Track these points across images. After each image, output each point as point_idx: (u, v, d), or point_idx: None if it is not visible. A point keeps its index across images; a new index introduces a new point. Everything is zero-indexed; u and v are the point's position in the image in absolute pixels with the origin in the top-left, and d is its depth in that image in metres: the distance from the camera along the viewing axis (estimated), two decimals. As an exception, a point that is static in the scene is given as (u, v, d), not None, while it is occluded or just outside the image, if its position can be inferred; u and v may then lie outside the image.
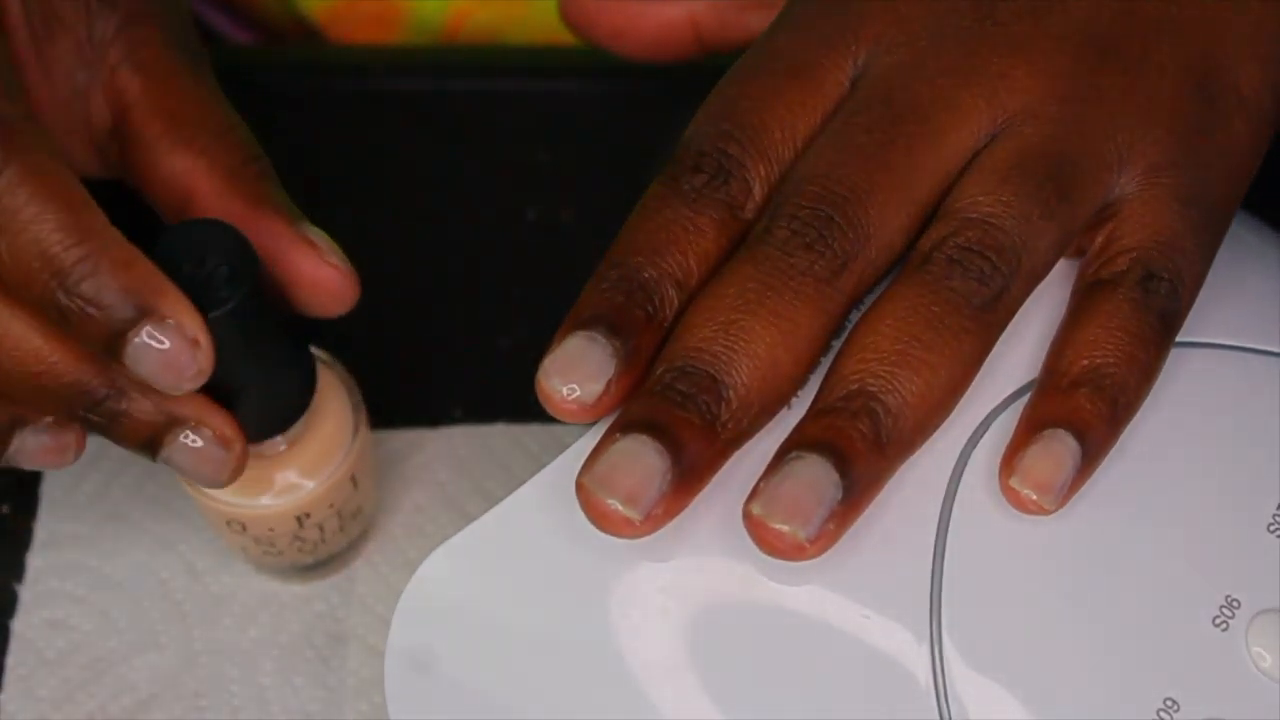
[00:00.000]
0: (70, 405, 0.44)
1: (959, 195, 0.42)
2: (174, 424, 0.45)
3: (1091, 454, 0.41)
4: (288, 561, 0.53)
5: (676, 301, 0.41)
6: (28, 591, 0.54)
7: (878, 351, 0.40)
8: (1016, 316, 0.42)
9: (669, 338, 0.41)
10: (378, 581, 0.54)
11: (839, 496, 0.39)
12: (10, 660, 0.54)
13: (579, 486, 0.40)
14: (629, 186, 0.59)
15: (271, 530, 0.51)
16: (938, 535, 0.41)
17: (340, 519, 0.52)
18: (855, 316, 0.42)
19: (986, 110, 0.42)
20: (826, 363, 0.41)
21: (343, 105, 0.61)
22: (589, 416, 0.41)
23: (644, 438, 0.39)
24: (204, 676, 0.53)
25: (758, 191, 0.42)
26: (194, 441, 0.45)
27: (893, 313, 0.41)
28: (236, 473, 0.46)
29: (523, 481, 0.42)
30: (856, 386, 0.40)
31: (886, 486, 0.41)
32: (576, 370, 0.40)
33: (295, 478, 0.50)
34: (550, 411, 0.41)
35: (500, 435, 0.56)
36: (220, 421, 0.45)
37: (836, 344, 0.41)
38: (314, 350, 0.50)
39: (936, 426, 0.41)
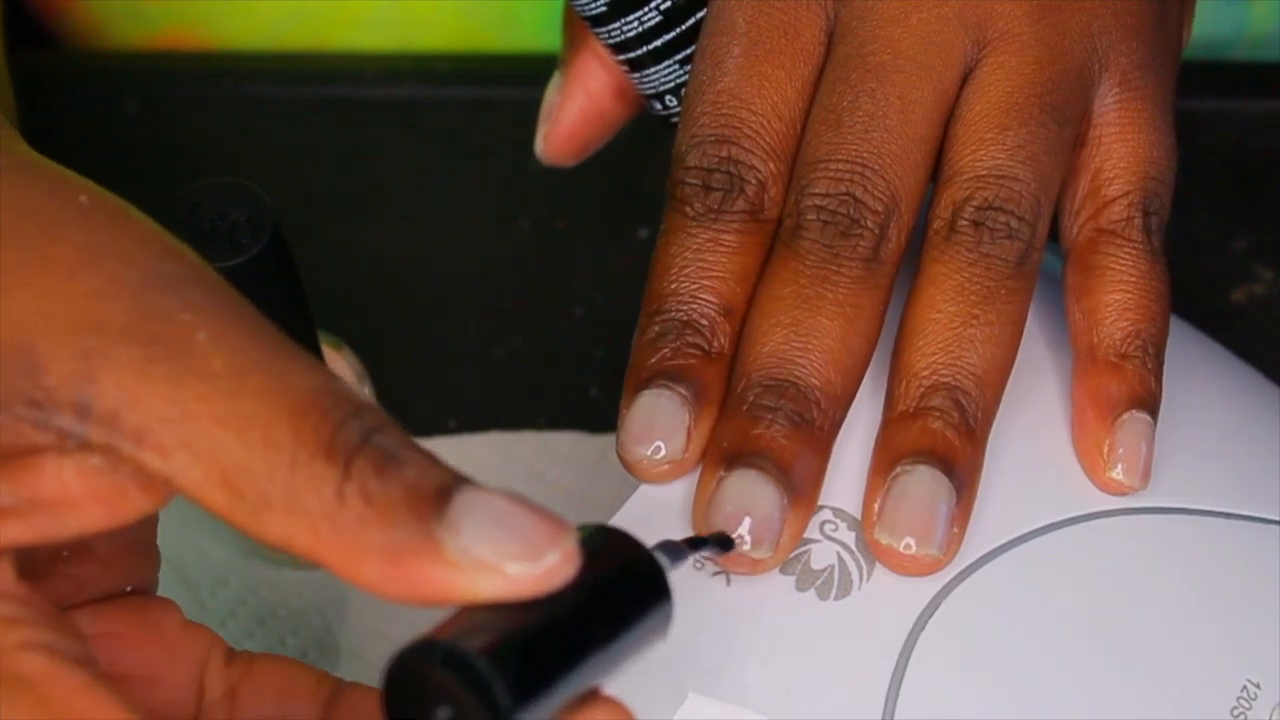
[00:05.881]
0: None
1: (962, 148, 0.42)
2: None
3: (1156, 412, 0.41)
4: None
5: (729, 327, 0.41)
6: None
7: (940, 339, 0.40)
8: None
9: (738, 353, 0.40)
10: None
11: (954, 500, 0.39)
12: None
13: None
14: (623, 196, 0.59)
15: None
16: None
17: None
18: None
19: (968, 38, 0.42)
20: None
21: (336, 113, 0.61)
22: (681, 472, 0.40)
23: (752, 473, 0.39)
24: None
25: (772, 187, 0.42)
26: None
27: (941, 294, 0.40)
28: None
29: (515, 488, 0.41)
30: (932, 381, 0.40)
31: (834, 674, 0.39)
32: (654, 429, 0.40)
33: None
34: (642, 480, 0.40)
35: (493, 444, 0.56)
36: None
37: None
38: (331, 338, 0.50)
39: (1005, 386, 0.41)
